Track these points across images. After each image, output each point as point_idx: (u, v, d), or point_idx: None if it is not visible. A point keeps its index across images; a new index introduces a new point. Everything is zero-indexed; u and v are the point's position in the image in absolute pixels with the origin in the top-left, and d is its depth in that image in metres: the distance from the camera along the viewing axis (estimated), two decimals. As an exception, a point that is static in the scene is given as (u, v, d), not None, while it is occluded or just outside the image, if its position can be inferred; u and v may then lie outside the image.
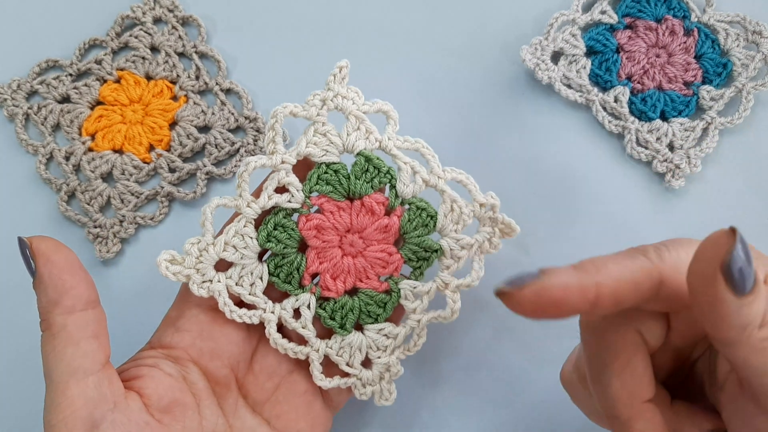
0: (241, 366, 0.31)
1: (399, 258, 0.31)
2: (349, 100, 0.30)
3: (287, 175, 0.30)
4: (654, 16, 0.41)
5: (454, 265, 0.31)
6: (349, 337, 0.31)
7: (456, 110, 0.40)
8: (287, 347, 0.30)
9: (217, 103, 0.40)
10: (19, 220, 0.39)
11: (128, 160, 0.39)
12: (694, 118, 0.39)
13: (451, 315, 0.31)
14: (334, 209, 0.30)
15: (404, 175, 0.30)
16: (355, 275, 0.31)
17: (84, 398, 0.24)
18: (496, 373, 0.36)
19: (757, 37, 0.40)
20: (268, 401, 0.31)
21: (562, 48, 0.40)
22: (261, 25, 0.42)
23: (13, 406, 0.36)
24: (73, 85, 0.40)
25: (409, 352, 0.31)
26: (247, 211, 0.30)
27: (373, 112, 0.31)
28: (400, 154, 0.30)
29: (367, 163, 0.30)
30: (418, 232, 0.31)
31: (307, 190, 0.30)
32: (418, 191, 0.31)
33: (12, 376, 0.37)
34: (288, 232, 0.30)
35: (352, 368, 0.31)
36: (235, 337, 0.30)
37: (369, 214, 0.30)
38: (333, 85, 0.30)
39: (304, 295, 0.31)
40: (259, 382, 0.31)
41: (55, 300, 0.25)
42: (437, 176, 0.30)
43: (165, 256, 0.30)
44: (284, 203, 0.30)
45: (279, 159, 0.30)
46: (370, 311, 0.31)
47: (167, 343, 0.29)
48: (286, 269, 0.30)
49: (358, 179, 0.30)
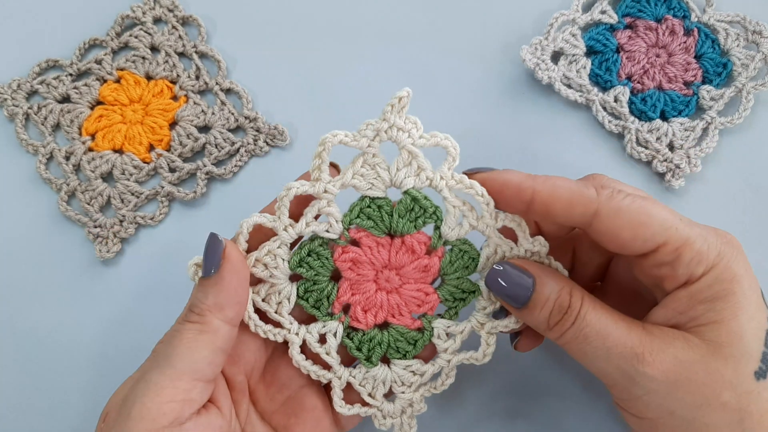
0: (254, 374, 0.31)
1: (435, 298, 0.30)
2: (405, 133, 0.27)
3: (329, 205, 0.28)
4: (654, 16, 0.41)
5: (491, 306, 0.29)
6: (375, 370, 0.30)
7: (456, 110, 0.40)
8: (310, 369, 0.30)
9: (217, 102, 0.40)
10: (19, 220, 0.39)
11: (128, 160, 0.39)
12: (694, 117, 0.39)
13: (483, 357, 0.30)
14: (373, 245, 0.29)
15: (451, 218, 0.28)
16: (387, 310, 0.30)
17: (183, 396, 0.25)
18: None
19: (757, 37, 0.40)
20: (276, 412, 0.31)
21: (562, 48, 0.40)
22: (261, 25, 0.42)
23: (13, 405, 0.36)
24: (73, 85, 0.40)
25: (435, 390, 0.30)
26: (284, 235, 0.28)
27: (430, 146, 0.28)
28: (451, 197, 0.28)
29: (413, 203, 0.28)
30: (459, 273, 0.29)
31: (347, 221, 0.29)
32: (463, 234, 0.29)
33: (12, 374, 0.37)
34: (322, 261, 0.29)
35: (373, 399, 0.30)
36: (252, 345, 0.30)
37: (409, 252, 0.29)
38: (389, 116, 0.27)
39: (332, 323, 0.30)
40: (270, 392, 0.31)
41: (223, 305, 0.26)
42: (486, 225, 0.28)
43: (195, 261, 0.29)
44: (322, 232, 0.29)
45: (322, 188, 0.28)
46: (399, 347, 0.30)
47: None
48: (315, 296, 0.30)
49: (402, 218, 0.28)
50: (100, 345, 0.37)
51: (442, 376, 0.30)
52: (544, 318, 0.27)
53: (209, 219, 0.39)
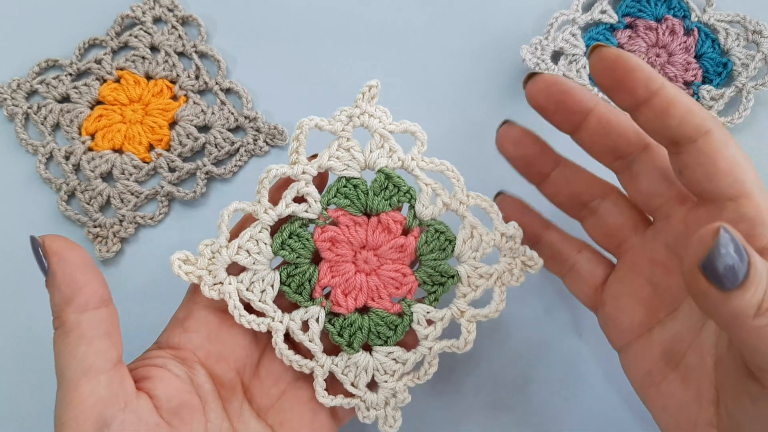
0: (247, 370, 0.30)
1: (413, 280, 0.30)
2: (376, 119, 0.30)
3: (306, 186, 0.30)
4: (654, 16, 0.41)
5: (471, 293, 0.30)
6: (356, 356, 0.30)
7: (456, 110, 0.40)
8: (293, 359, 0.30)
9: (216, 102, 0.40)
10: (19, 220, 0.39)
11: (128, 160, 0.39)
12: (694, 117, 0.39)
13: (464, 345, 0.30)
14: (351, 223, 0.30)
15: (424, 196, 0.30)
16: (367, 293, 0.30)
17: (95, 396, 0.24)
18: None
19: (757, 37, 0.40)
20: (272, 407, 0.30)
21: (562, 48, 0.40)
22: (261, 25, 0.42)
23: (12, 406, 0.36)
24: (73, 85, 0.40)
25: (419, 380, 0.30)
26: (264, 218, 0.29)
27: (399, 132, 0.30)
28: (423, 175, 0.30)
29: (386, 180, 0.30)
30: (435, 255, 0.30)
31: (325, 202, 0.30)
32: (437, 214, 0.30)
33: (12, 374, 0.37)
34: (302, 242, 0.30)
35: (356, 389, 0.30)
36: (242, 340, 0.30)
37: (385, 231, 0.30)
38: (361, 103, 0.30)
39: (313, 308, 0.30)
40: (265, 387, 0.31)
41: (69, 298, 0.25)
42: (459, 201, 0.30)
43: (179, 255, 0.29)
44: (301, 213, 0.30)
45: (300, 169, 0.30)
46: (380, 332, 0.30)
47: (175, 344, 0.29)
48: (297, 279, 0.30)
49: (377, 195, 0.30)
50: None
51: (424, 365, 0.30)
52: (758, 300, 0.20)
53: (209, 219, 0.39)
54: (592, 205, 0.30)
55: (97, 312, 0.25)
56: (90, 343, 0.25)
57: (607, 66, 0.25)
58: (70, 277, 0.25)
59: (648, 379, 0.28)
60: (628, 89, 0.25)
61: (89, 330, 0.25)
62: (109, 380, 0.25)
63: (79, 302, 0.25)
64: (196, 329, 0.30)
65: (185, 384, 0.28)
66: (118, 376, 0.25)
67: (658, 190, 0.27)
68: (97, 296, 0.26)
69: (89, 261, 0.26)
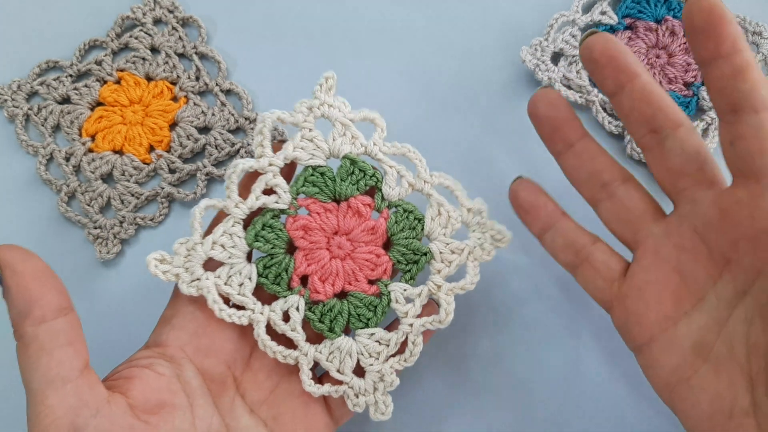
0: (238, 363, 0.30)
1: (387, 260, 0.31)
2: (336, 109, 0.31)
3: (274, 177, 0.30)
4: (654, 17, 0.41)
5: (446, 269, 0.31)
6: (339, 341, 0.30)
7: (456, 111, 0.40)
8: (276, 350, 0.30)
9: (217, 103, 0.40)
10: (19, 221, 0.39)
11: (128, 161, 0.39)
12: (694, 118, 0.39)
13: (445, 317, 0.30)
14: (321, 210, 0.31)
15: (390, 178, 0.31)
16: (343, 278, 0.31)
17: (64, 406, 0.24)
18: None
19: (757, 38, 0.40)
20: (266, 401, 0.30)
21: (562, 49, 0.40)
22: (261, 26, 0.42)
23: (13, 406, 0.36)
24: (74, 86, 0.40)
25: (405, 362, 0.30)
26: (236, 212, 0.30)
27: (359, 120, 0.31)
28: (386, 158, 0.31)
29: (352, 165, 0.31)
30: (406, 234, 0.31)
31: (294, 191, 0.30)
32: (404, 194, 0.31)
33: (12, 376, 0.36)
34: (276, 233, 0.30)
35: (342, 375, 0.30)
36: (231, 334, 0.30)
37: (356, 215, 0.31)
38: (319, 94, 0.31)
39: (292, 297, 0.30)
40: (258, 380, 0.31)
41: (24, 311, 0.24)
42: (423, 180, 0.31)
43: (155, 255, 0.30)
44: (271, 204, 0.30)
45: (266, 162, 0.30)
46: (361, 314, 0.30)
47: (162, 342, 0.29)
48: (274, 270, 0.30)
49: (344, 181, 0.30)
50: (99, 346, 0.37)
51: (409, 345, 0.30)
52: None
53: (209, 220, 0.38)
54: (612, 188, 0.29)
55: (55, 323, 0.25)
56: (51, 354, 0.24)
57: (704, 8, 0.24)
58: (24, 290, 0.24)
59: (676, 375, 0.27)
60: (716, 37, 0.24)
61: (48, 342, 0.24)
62: (77, 388, 0.25)
63: (36, 315, 0.24)
64: (183, 326, 0.30)
65: (168, 382, 0.28)
66: (87, 382, 0.25)
67: (689, 170, 0.27)
68: (53, 307, 0.25)
69: (45, 271, 0.25)
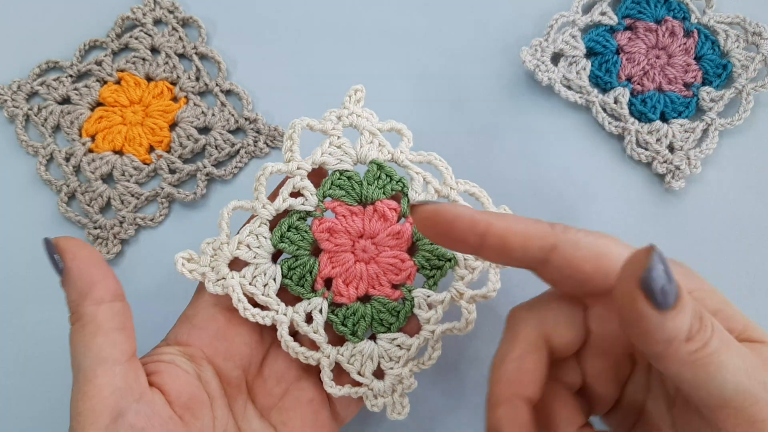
0: (251, 369, 0.31)
1: (412, 265, 0.31)
2: (364, 118, 0.32)
3: (302, 180, 0.31)
4: (654, 18, 0.41)
5: (469, 276, 0.30)
6: (361, 345, 0.30)
7: (456, 111, 0.40)
8: (298, 351, 0.30)
9: (217, 104, 0.40)
10: (19, 221, 0.39)
11: (128, 161, 0.39)
12: (694, 119, 0.39)
13: (465, 326, 0.30)
14: (347, 213, 0.31)
15: (416, 183, 0.31)
16: (367, 281, 0.31)
17: (111, 387, 0.25)
18: None
19: (757, 39, 0.40)
20: (275, 407, 0.31)
21: (562, 49, 0.40)
22: (261, 27, 0.42)
23: (13, 407, 0.36)
24: (74, 87, 0.40)
25: (423, 365, 0.31)
26: (263, 212, 0.30)
27: (386, 130, 0.32)
28: (413, 165, 0.31)
29: (379, 170, 0.31)
30: None
31: (321, 194, 0.31)
32: (430, 200, 0.31)
33: (12, 376, 0.37)
34: (301, 234, 0.31)
35: (363, 377, 0.30)
36: (248, 338, 0.30)
37: (381, 219, 0.31)
38: (348, 104, 0.32)
39: (316, 299, 0.30)
40: (268, 386, 0.31)
41: (85, 292, 0.25)
42: (450, 186, 0.31)
43: (182, 254, 0.30)
44: (298, 206, 0.31)
45: (295, 165, 0.31)
46: (383, 319, 0.30)
47: (183, 341, 0.30)
48: (299, 272, 0.30)
49: (370, 185, 0.31)
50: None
51: (428, 350, 0.31)
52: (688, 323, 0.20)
53: (209, 220, 0.39)
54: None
55: (113, 305, 0.26)
56: (106, 334, 0.25)
57: (427, 224, 0.24)
58: (85, 273, 0.26)
59: None
60: (458, 239, 0.24)
61: (105, 322, 0.26)
62: (125, 372, 0.25)
63: (95, 296, 0.26)
64: (204, 326, 0.30)
65: (193, 379, 0.28)
66: (133, 369, 0.26)
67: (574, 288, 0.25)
68: (112, 291, 0.26)
69: (101, 258, 0.27)
